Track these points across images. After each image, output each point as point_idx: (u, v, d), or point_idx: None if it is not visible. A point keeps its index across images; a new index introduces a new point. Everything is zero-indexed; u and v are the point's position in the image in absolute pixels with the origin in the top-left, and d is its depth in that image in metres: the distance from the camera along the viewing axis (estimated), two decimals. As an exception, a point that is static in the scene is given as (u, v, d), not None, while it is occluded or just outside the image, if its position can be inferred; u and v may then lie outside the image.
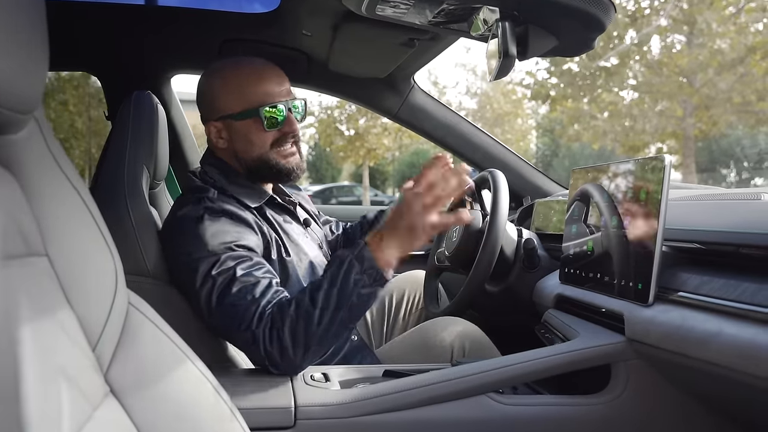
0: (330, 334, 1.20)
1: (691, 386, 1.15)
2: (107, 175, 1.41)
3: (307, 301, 1.19)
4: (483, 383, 1.14)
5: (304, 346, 1.18)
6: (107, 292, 0.72)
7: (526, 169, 2.25)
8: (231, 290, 1.23)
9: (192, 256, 1.27)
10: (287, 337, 1.18)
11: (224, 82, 1.43)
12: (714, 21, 11.74)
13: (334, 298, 1.18)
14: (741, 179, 21.00)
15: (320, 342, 1.19)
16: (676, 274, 1.14)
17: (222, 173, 1.45)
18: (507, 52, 1.17)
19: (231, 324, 1.23)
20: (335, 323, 1.19)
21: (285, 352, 1.18)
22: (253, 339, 1.20)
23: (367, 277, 1.19)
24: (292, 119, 1.43)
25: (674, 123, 13.40)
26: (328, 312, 1.18)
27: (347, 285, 1.19)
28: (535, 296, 1.63)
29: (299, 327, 1.18)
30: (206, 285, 1.24)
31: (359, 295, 1.19)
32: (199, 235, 1.28)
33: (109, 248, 0.75)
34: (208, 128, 1.46)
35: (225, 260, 1.25)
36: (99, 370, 0.70)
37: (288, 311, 1.20)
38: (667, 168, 1.14)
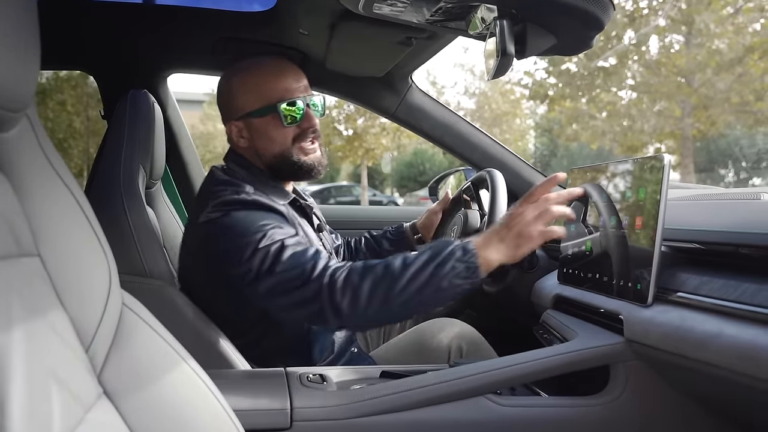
0: (404, 306, 1.17)
1: (690, 387, 1.14)
2: (103, 174, 1.40)
3: (399, 265, 1.18)
4: (481, 384, 1.13)
5: (379, 304, 1.16)
6: (101, 293, 0.71)
7: (525, 168, 2.24)
8: (283, 256, 1.22)
9: (240, 238, 1.25)
10: (365, 290, 1.16)
11: (242, 81, 1.45)
12: (712, 21, 11.74)
13: (427, 273, 1.16)
14: (739, 179, 21.03)
15: (391, 310, 1.17)
16: (675, 275, 1.13)
17: (246, 171, 1.45)
18: (505, 50, 1.16)
19: (286, 287, 1.21)
20: (415, 299, 1.16)
21: (356, 303, 1.16)
22: (315, 293, 1.18)
23: (465, 268, 1.17)
24: (311, 115, 1.44)
25: (672, 123, 13.40)
26: (415, 284, 1.16)
27: (444, 267, 1.16)
28: (533, 296, 1.62)
29: (382, 285, 1.16)
30: (255, 256, 1.22)
31: (450, 282, 1.16)
32: (243, 218, 1.28)
33: (103, 248, 0.74)
34: (229, 128, 1.47)
35: (271, 235, 1.25)
36: (92, 372, 0.70)
37: (375, 268, 1.18)
38: (666, 167, 1.13)
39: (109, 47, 2.00)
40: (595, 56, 13.30)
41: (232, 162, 1.47)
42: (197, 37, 1.93)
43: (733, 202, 1.25)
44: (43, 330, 0.63)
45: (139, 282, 1.31)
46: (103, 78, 2.06)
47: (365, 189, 20.48)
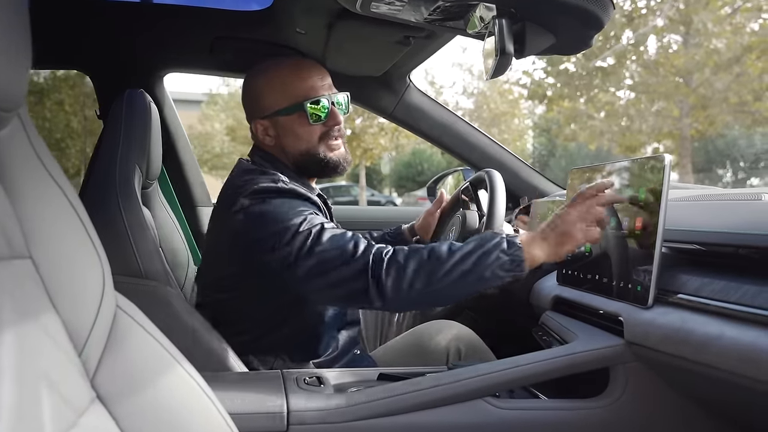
0: (447, 291, 1.19)
1: (690, 389, 1.13)
2: (99, 175, 1.39)
3: (444, 250, 1.20)
4: (479, 387, 1.12)
5: (422, 286, 1.17)
6: (94, 295, 0.70)
7: (523, 168, 2.23)
8: (324, 237, 1.23)
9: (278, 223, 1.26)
10: (410, 270, 1.17)
11: (268, 80, 1.47)
12: (710, 21, 11.74)
13: (472, 261, 1.18)
14: (737, 179, 21.06)
15: (434, 292, 1.19)
16: (676, 276, 1.12)
17: (273, 165, 1.46)
18: (504, 49, 1.16)
19: (327, 266, 1.22)
20: (458, 284, 1.18)
21: (400, 283, 1.17)
22: (364, 267, 1.19)
23: (509, 261, 1.19)
24: (336, 112, 1.47)
25: (671, 123, 13.40)
26: (459, 269, 1.18)
27: (489, 256, 1.18)
28: (532, 298, 1.61)
29: (426, 267, 1.18)
30: (296, 238, 1.23)
31: (493, 272, 1.18)
32: (281, 204, 1.29)
33: (96, 249, 0.73)
34: (255, 126, 1.49)
35: (311, 219, 1.27)
36: (85, 376, 0.69)
37: (421, 251, 1.20)
38: (667, 168, 1.12)
39: (104, 46, 1.99)
40: (594, 56, 13.30)
41: (258, 158, 1.49)
42: (194, 37, 1.92)
43: (734, 203, 1.25)
44: (34, 333, 0.62)
45: (134, 283, 1.30)
46: (98, 77, 2.05)
47: (363, 189, 20.48)
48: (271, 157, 1.49)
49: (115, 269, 1.21)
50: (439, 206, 1.85)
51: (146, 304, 0.97)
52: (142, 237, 1.34)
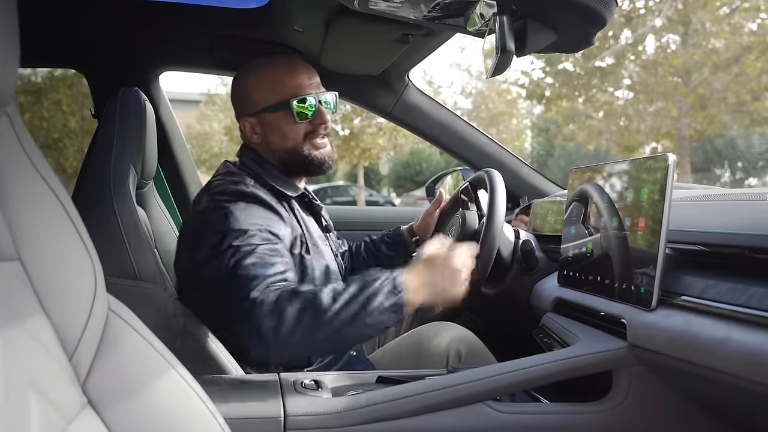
0: (328, 339, 1.16)
1: (693, 392, 1.12)
2: (93, 175, 1.37)
3: (328, 295, 1.16)
4: (480, 391, 1.10)
5: (302, 335, 1.13)
6: (85, 298, 0.69)
7: (523, 168, 2.22)
8: (248, 260, 1.22)
9: (220, 229, 1.26)
10: (291, 317, 1.13)
11: (257, 78, 1.48)
12: (708, 21, 11.74)
13: (356, 306, 1.15)
14: (735, 179, 21.10)
15: (315, 341, 1.15)
16: (679, 278, 1.11)
17: (259, 165, 1.47)
18: (505, 47, 1.13)
19: (234, 290, 1.20)
20: (340, 332, 1.15)
21: (279, 331, 1.13)
22: (251, 308, 1.15)
23: (392, 305, 1.17)
24: (322, 111, 1.48)
25: (669, 123, 13.40)
26: (342, 316, 1.14)
27: (372, 301, 1.16)
28: (533, 299, 1.59)
29: (307, 314, 1.14)
30: (227, 252, 1.23)
31: (376, 318, 1.16)
32: (230, 213, 1.28)
33: (88, 251, 0.71)
34: (243, 124, 1.50)
35: (252, 236, 1.26)
36: (76, 381, 0.67)
37: (304, 294, 1.16)
38: (670, 167, 1.10)
39: (98, 44, 1.97)
40: (592, 56, 13.29)
41: (246, 156, 1.50)
42: (189, 35, 1.90)
43: (738, 203, 1.23)
44: (22, 337, 0.60)
45: (128, 285, 1.28)
46: (93, 76, 2.03)
47: (362, 189, 20.46)
48: (258, 157, 1.49)
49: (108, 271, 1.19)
50: (438, 206, 1.83)
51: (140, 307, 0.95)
52: (136, 238, 1.32)
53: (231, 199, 1.32)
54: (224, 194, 1.33)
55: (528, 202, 2.09)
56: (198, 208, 1.36)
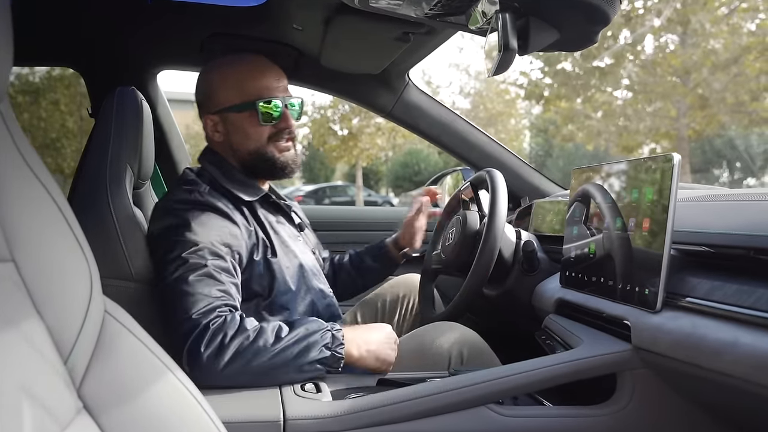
0: (266, 375, 1.17)
1: (698, 395, 1.10)
2: (88, 174, 1.35)
3: (270, 334, 1.18)
4: (483, 394, 1.09)
5: (239, 367, 1.14)
6: (81, 300, 0.67)
7: (524, 168, 2.20)
8: (193, 276, 1.21)
9: (172, 238, 1.26)
10: (231, 349, 1.14)
11: (223, 76, 1.46)
12: (708, 21, 11.73)
13: (294, 352, 1.18)
14: (734, 179, 21.12)
15: (253, 375, 1.16)
16: (684, 279, 1.09)
17: (218, 168, 1.45)
18: (507, 45, 1.12)
19: (176, 307, 1.19)
20: (274, 372, 1.17)
21: (217, 360, 1.13)
22: (191, 329, 1.15)
23: (330, 356, 1.21)
24: (288, 115, 1.45)
25: (668, 123, 13.40)
26: (282, 357, 1.17)
27: (311, 350, 1.19)
28: (535, 300, 1.57)
29: (248, 352, 1.15)
30: (174, 262, 1.23)
31: (311, 365, 1.19)
32: (185, 222, 1.27)
33: (83, 251, 0.70)
34: (205, 121, 1.48)
35: (202, 249, 1.25)
36: (71, 385, 0.66)
37: (246, 328, 1.17)
38: (676, 167, 1.08)
39: (95, 43, 1.95)
40: (591, 56, 13.29)
41: (206, 161, 1.49)
42: (188, 33, 1.88)
43: (743, 203, 1.21)
44: (15, 340, 0.59)
45: (124, 286, 1.27)
46: (90, 75, 2.01)
47: (360, 189, 20.46)
48: (218, 159, 1.48)
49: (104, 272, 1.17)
50: (418, 213, 1.81)
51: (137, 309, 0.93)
52: (133, 239, 1.30)
53: (185, 208, 1.31)
54: (179, 203, 1.33)
55: (529, 202, 2.08)
56: (154, 215, 1.37)
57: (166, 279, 1.23)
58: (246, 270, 1.35)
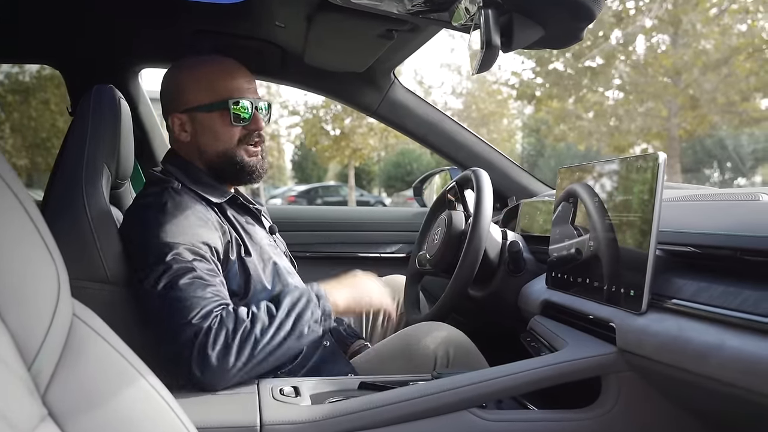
0: (273, 355, 1.18)
1: (684, 399, 1.08)
2: (64, 174, 1.32)
3: (264, 315, 1.20)
4: (465, 398, 1.06)
5: (247, 357, 1.15)
6: (47, 303, 0.64)
7: (512, 168, 2.18)
8: (183, 281, 1.19)
9: (149, 241, 1.23)
10: (235, 343, 1.14)
11: (193, 75, 1.43)
12: (699, 21, 11.77)
13: (292, 320, 1.21)
14: (724, 179, 21.24)
15: (262, 360, 1.17)
16: (671, 280, 1.07)
17: (182, 171, 1.42)
18: (490, 42, 1.09)
19: (172, 314, 1.17)
20: (282, 347, 1.19)
21: (226, 357, 1.13)
22: (194, 336, 1.14)
23: (320, 313, 1.25)
24: (258, 117, 1.43)
25: (659, 123, 13.44)
26: (282, 332, 1.19)
27: (305, 313, 1.23)
28: (521, 301, 1.55)
29: (251, 337, 1.16)
30: (157, 268, 1.20)
31: (310, 328, 1.23)
32: (160, 224, 1.25)
33: (50, 251, 0.67)
34: (171, 120, 1.44)
35: (183, 252, 1.22)
36: (35, 392, 0.63)
37: (242, 318, 1.17)
38: (661, 166, 1.06)
39: (74, 40, 1.91)
40: (582, 56, 13.31)
41: (169, 164, 1.45)
42: (169, 31, 1.85)
43: (730, 203, 1.19)
44: (-29, 346, 0.56)
45: (99, 289, 1.23)
46: (69, 72, 1.97)
47: (352, 189, 20.44)
48: (182, 163, 1.44)
49: (78, 274, 1.14)
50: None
51: (112, 311, 0.91)
52: (108, 240, 1.26)
53: (158, 210, 1.27)
54: (152, 205, 1.29)
55: (516, 202, 2.06)
56: (127, 220, 1.34)
57: (154, 287, 1.19)
58: (223, 269, 1.32)
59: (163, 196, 1.31)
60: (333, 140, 18.26)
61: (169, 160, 1.46)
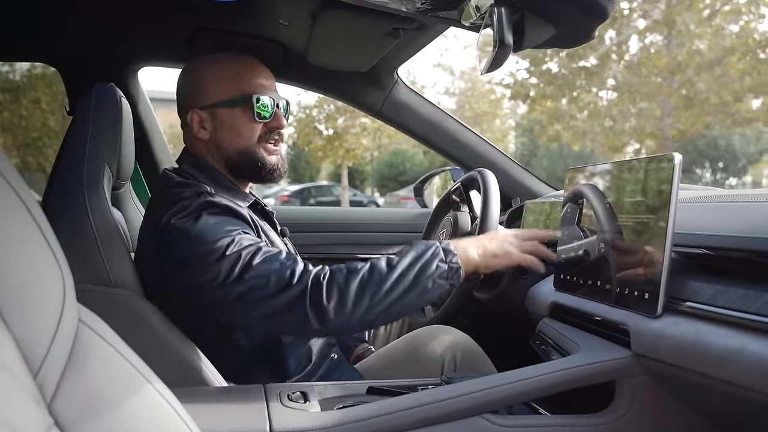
0: (390, 308, 1.15)
1: (699, 402, 1.07)
2: (64, 175, 1.29)
3: (383, 267, 1.16)
4: (478, 403, 1.04)
5: (365, 309, 1.13)
6: (52, 309, 0.62)
7: (515, 168, 2.17)
8: (256, 260, 1.15)
9: (198, 248, 1.17)
10: (352, 293, 1.12)
11: (215, 70, 1.39)
12: (693, 22, 11.81)
13: (413, 274, 1.16)
14: (716, 179, 21.37)
15: (380, 312, 1.14)
16: (685, 283, 1.05)
17: (203, 173, 1.37)
18: (503, 40, 1.08)
19: (261, 293, 1.13)
20: (403, 299, 1.15)
21: (344, 307, 1.11)
22: (298, 297, 1.11)
23: (447, 269, 1.19)
24: (280, 114, 1.39)
25: (653, 123, 13.49)
26: (401, 285, 1.15)
27: (429, 267, 1.17)
28: (528, 304, 1.53)
29: (368, 288, 1.13)
30: (222, 264, 1.14)
31: (434, 282, 1.18)
32: (204, 227, 1.19)
33: (55, 255, 0.65)
34: (190, 116, 1.38)
35: (240, 240, 1.17)
36: (41, 401, 0.60)
37: (359, 269, 1.15)
38: (676, 167, 1.05)
39: (73, 38, 1.88)
40: (577, 56, 13.34)
41: (187, 164, 1.39)
42: (170, 29, 1.82)
43: (743, 204, 1.18)
44: (-24, 356, 0.53)
45: (101, 292, 1.20)
46: (67, 71, 1.94)
47: (345, 189, 20.42)
48: (201, 163, 1.39)
49: (80, 277, 1.11)
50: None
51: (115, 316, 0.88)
52: (111, 242, 1.23)
53: (198, 212, 1.21)
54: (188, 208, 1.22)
55: (521, 203, 2.04)
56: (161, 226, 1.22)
57: (225, 283, 1.14)
58: None
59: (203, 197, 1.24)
60: (326, 140, 18.24)
61: (186, 160, 1.40)
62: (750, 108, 12.79)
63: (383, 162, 25.00)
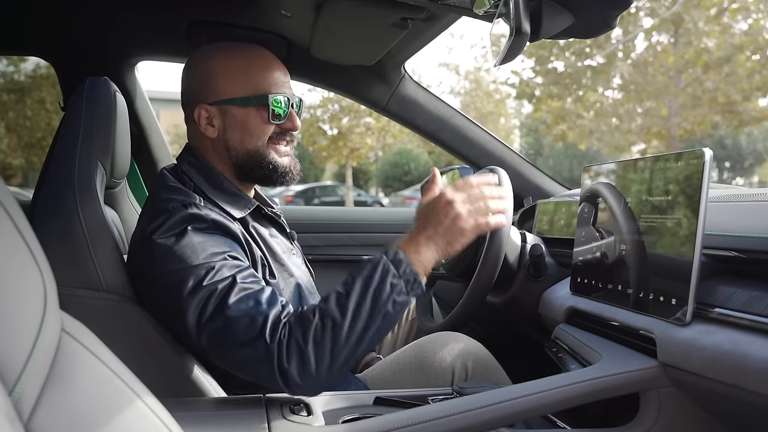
0: (360, 347, 1.04)
1: (729, 415, 1.00)
2: (55, 173, 1.21)
3: (334, 308, 1.04)
4: (493, 417, 0.97)
5: (329, 361, 1.01)
6: (32, 317, 0.56)
7: (526, 167, 2.10)
8: (231, 298, 1.05)
9: (177, 270, 1.09)
10: (310, 351, 1.01)
11: (228, 63, 1.29)
12: (701, 20, 11.71)
13: (368, 305, 1.04)
14: (722, 179, 21.27)
15: (348, 357, 1.03)
16: (714, 288, 0.98)
17: (203, 175, 1.28)
18: (519, 28, 1.01)
19: (232, 338, 1.04)
20: (367, 335, 1.04)
21: (307, 368, 1.00)
22: (266, 354, 1.01)
23: (404, 283, 1.06)
24: (294, 115, 1.31)
25: (659, 122, 13.40)
26: (360, 322, 1.03)
27: (383, 290, 1.05)
28: (542, 308, 1.47)
29: (326, 340, 1.02)
30: (197, 295, 1.06)
31: (394, 303, 1.05)
32: (185, 246, 1.10)
33: (35, 259, 0.59)
34: (197, 112, 1.28)
35: (220, 269, 1.08)
36: (16, 420, 0.54)
37: (311, 321, 1.03)
38: (707, 164, 0.98)
39: (67, 31, 1.82)
40: (583, 55, 13.25)
41: (187, 164, 1.30)
42: (167, 21, 1.75)
43: None
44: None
45: (93, 297, 1.12)
46: (62, 65, 1.88)
47: (350, 189, 20.38)
48: (202, 163, 1.30)
49: (69, 282, 1.04)
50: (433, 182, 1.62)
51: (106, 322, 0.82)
52: (103, 244, 1.16)
53: (183, 229, 1.13)
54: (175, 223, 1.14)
55: (533, 202, 1.97)
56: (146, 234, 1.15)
57: (202, 313, 1.06)
58: None
59: (185, 216, 1.15)
60: (330, 140, 18.21)
61: (187, 159, 1.31)
62: (757, 107, 12.68)
63: (388, 162, 24.96)
